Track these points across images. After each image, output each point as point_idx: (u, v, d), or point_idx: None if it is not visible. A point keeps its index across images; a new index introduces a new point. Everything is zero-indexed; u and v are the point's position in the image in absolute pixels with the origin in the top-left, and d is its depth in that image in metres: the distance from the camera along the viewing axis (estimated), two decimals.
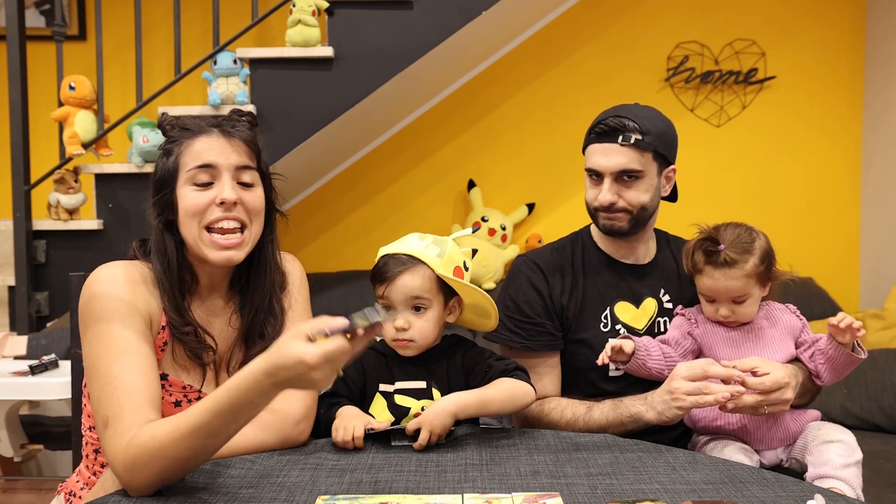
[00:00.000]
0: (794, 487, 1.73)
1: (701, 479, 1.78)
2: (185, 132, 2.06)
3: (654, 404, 2.34)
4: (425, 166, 5.69)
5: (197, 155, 2.01)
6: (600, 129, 2.54)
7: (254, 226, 2.06)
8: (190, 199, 2.00)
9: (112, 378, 1.83)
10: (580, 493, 1.69)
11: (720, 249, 2.43)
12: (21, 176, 4.43)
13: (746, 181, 5.60)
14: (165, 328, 2.02)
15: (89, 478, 2.13)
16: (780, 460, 2.48)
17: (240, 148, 2.05)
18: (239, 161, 2.03)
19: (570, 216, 5.34)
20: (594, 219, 2.64)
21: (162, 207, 2.05)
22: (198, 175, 2.00)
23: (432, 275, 2.21)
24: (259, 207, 2.07)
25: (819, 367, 2.45)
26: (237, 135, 2.06)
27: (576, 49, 5.60)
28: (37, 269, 4.48)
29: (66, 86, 4.42)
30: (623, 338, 2.45)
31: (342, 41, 4.37)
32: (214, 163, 2.00)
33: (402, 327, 2.21)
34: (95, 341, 1.89)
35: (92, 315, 1.91)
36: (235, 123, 2.09)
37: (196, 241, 2.01)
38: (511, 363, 2.29)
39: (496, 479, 1.79)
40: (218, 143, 2.03)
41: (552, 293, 2.63)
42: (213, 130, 2.05)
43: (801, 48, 5.55)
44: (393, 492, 1.71)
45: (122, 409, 1.79)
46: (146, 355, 1.90)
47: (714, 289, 2.45)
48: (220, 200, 1.98)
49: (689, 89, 5.59)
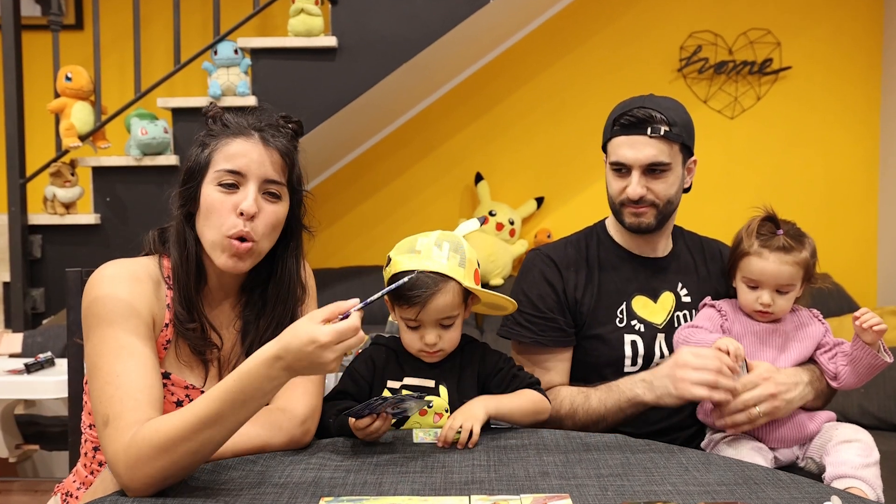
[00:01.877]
0: (810, 489, 1.72)
1: (714, 480, 1.78)
2: (226, 129, 2.06)
3: (654, 387, 2.36)
4: (431, 159, 5.69)
5: (230, 157, 2.01)
6: (626, 121, 2.52)
7: (265, 240, 2.05)
8: (213, 200, 1.99)
9: (114, 377, 1.83)
10: (590, 495, 1.69)
11: (780, 233, 2.45)
12: (16, 169, 4.44)
13: (761, 175, 5.60)
14: (169, 325, 2.02)
15: (86, 477, 2.13)
16: (795, 458, 2.49)
17: (275, 159, 2.04)
18: (268, 174, 2.02)
19: (580, 210, 5.35)
20: (618, 215, 2.62)
21: (186, 199, 2.06)
22: (224, 177, 2.00)
23: (460, 289, 2.19)
24: (275, 222, 2.06)
25: (840, 369, 2.45)
26: (275, 144, 2.05)
27: (586, 39, 5.60)
28: (32, 265, 4.48)
29: (62, 76, 4.43)
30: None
31: (346, 31, 4.37)
32: (244, 170, 2.00)
33: (434, 343, 2.20)
34: (98, 343, 1.89)
35: (95, 317, 1.91)
36: (277, 132, 2.09)
37: (209, 242, 2.01)
38: (533, 378, 2.31)
39: (504, 481, 1.78)
40: (254, 150, 2.01)
41: (566, 288, 2.63)
42: (254, 135, 2.04)
43: (818, 38, 5.54)
44: (398, 493, 1.71)
45: (124, 407, 1.79)
46: (148, 356, 1.90)
47: (765, 272, 2.45)
48: (240, 211, 1.97)
49: (703, 80, 5.58)
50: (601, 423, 2.47)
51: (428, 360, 2.26)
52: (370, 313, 5.40)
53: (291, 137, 2.13)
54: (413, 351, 2.26)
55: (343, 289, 5.22)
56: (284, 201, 2.09)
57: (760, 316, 2.50)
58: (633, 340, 2.59)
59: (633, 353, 2.58)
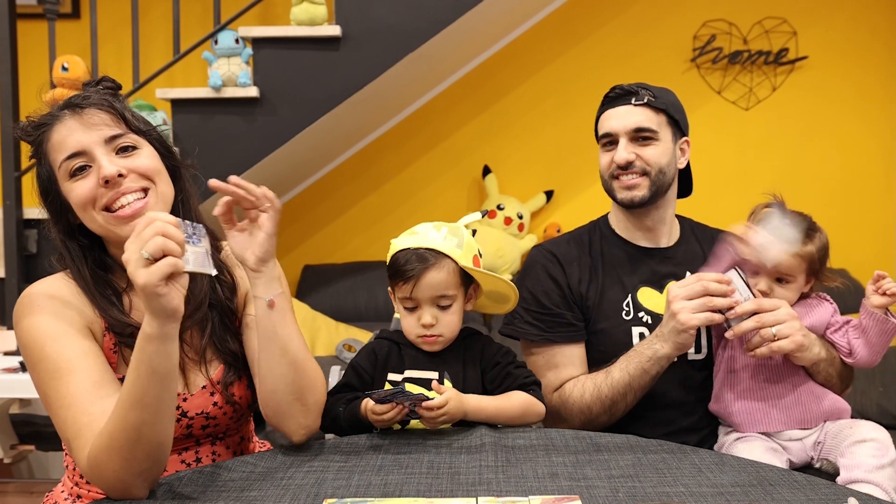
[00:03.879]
0: (826, 490, 1.72)
1: (728, 481, 1.78)
2: (41, 128, 2.02)
3: (665, 336, 2.42)
4: (438, 152, 5.69)
5: (60, 146, 1.97)
6: (613, 95, 2.65)
7: (158, 186, 2.01)
8: (76, 191, 1.96)
9: (62, 399, 1.84)
10: (601, 497, 1.69)
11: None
12: (11, 162, 4.44)
13: (776, 167, 5.58)
14: (109, 330, 2.01)
15: (72, 489, 2.13)
16: (809, 458, 2.49)
17: (98, 118, 1.99)
18: (103, 132, 1.98)
19: (590, 204, 5.32)
20: (611, 192, 2.68)
21: (58, 215, 2.03)
22: (69, 164, 1.96)
23: (456, 268, 2.20)
24: (154, 166, 2.01)
25: (853, 342, 2.49)
26: (89, 106, 2.00)
27: (596, 28, 5.59)
28: (27, 260, 4.48)
29: (58, 66, 4.42)
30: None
31: (350, 19, 4.36)
32: (79, 147, 1.95)
33: (430, 323, 2.21)
34: (37, 365, 1.89)
35: (25, 330, 1.92)
36: (86, 96, 2.04)
37: (103, 227, 1.98)
38: (530, 377, 2.29)
39: (512, 482, 1.78)
40: (74, 124, 1.97)
41: (570, 282, 2.65)
42: (64, 113, 2.00)
43: (835, 26, 5.53)
44: (403, 495, 1.71)
45: (79, 426, 1.80)
46: (92, 361, 1.90)
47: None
48: (103, 180, 1.93)
49: (717, 70, 5.57)
50: (629, 394, 2.49)
51: (427, 349, 2.26)
52: (376, 312, 5.39)
53: (104, 92, 2.08)
54: (412, 338, 2.27)
55: (347, 285, 5.23)
56: (144, 147, 2.03)
57: None
58: (641, 332, 2.60)
59: None
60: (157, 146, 2.08)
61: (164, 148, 2.11)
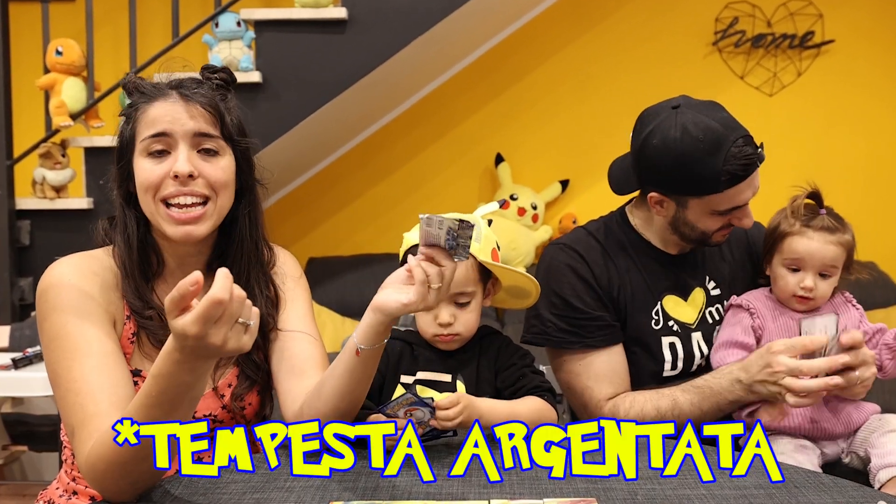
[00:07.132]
0: (854, 493, 1.72)
1: (752, 483, 1.77)
2: (143, 96, 2.04)
3: (754, 387, 2.32)
4: (448, 140, 5.68)
5: (151, 122, 1.99)
6: (745, 162, 2.46)
7: (219, 199, 2.03)
8: (144, 172, 1.98)
9: (73, 383, 1.84)
10: (618, 499, 1.69)
11: (822, 213, 2.49)
12: (3, 150, 4.45)
13: (801, 155, 5.56)
14: (130, 317, 2.02)
15: (68, 484, 2.13)
16: (841, 451, 2.51)
17: (199, 112, 2.01)
18: (196, 128, 2.00)
19: (607, 194, 5.27)
20: (706, 240, 2.56)
21: (121, 179, 2.06)
22: (152, 144, 1.98)
23: (475, 263, 2.17)
24: (223, 179, 2.03)
25: (885, 362, 2.46)
26: (197, 98, 2.02)
27: (613, 9, 5.58)
28: (20, 253, 4.49)
29: (52, 50, 4.43)
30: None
31: (357, 1, 4.35)
32: (168, 131, 1.97)
33: (448, 322, 2.19)
34: (52, 342, 1.90)
35: (48, 308, 1.92)
36: (198, 85, 2.06)
37: (154, 216, 2.00)
38: (545, 383, 2.26)
39: (526, 484, 1.78)
40: (174, 109, 1.99)
41: (599, 281, 2.53)
42: (172, 93, 2.02)
43: (862, 9, 5.51)
44: (412, 498, 1.71)
45: (86, 415, 1.80)
46: (109, 350, 1.90)
47: (809, 251, 2.46)
48: (173, 174, 1.95)
49: (739, 54, 5.56)
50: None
51: (443, 347, 2.25)
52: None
53: (217, 87, 2.10)
54: (428, 336, 2.25)
55: (353, 278, 5.23)
56: (225, 156, 2.05)
57: (800, 303, 2.49)
58: (671, 343, 2.55)
59: (672, 357, 2.54)
60: (240, 158, 2.10)
61: (247, 163, 2.13)
